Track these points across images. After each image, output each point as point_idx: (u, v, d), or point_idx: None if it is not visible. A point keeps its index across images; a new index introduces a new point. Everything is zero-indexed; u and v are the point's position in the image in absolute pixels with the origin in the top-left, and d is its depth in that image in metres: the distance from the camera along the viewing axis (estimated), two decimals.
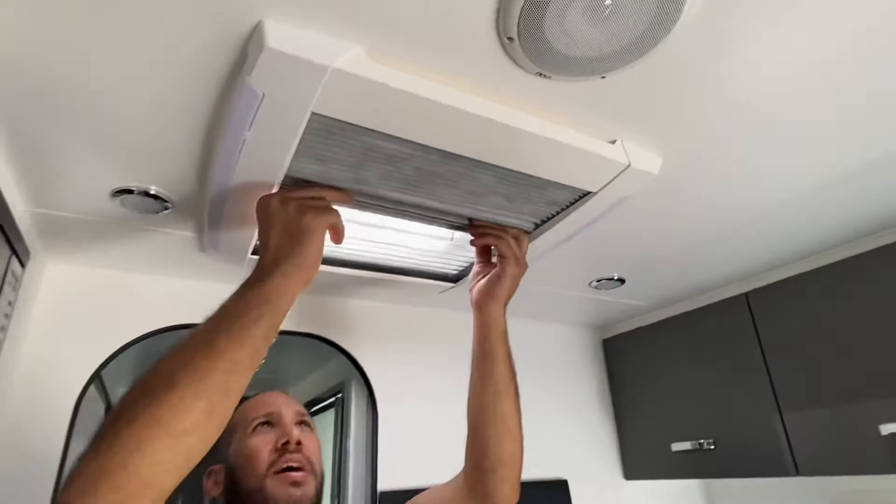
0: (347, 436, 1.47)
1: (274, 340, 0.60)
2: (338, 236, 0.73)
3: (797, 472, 1.19)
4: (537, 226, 0.99)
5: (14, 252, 0.88)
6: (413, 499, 0.91)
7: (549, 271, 1.28)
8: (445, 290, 1.27)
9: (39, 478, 0.98)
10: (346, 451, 1.45)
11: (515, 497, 0.83)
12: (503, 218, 0.95)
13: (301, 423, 0.85)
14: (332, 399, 1.97)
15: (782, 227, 1.12)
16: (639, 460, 1.60)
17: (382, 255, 1.14)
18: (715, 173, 0.90)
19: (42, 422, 1.03)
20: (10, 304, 0.90)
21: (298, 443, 0.80)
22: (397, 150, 0.74)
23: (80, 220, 0.94)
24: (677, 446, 1.44)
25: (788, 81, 0.70)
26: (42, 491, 0.98)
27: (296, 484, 0.75)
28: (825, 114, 0.77)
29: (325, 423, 2.12)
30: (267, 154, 0.71)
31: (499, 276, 0.90)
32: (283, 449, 0.78)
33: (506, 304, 0.91)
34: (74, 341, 1.09)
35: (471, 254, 1.15)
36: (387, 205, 0.87)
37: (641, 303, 1.55)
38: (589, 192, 0.87)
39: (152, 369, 0.52)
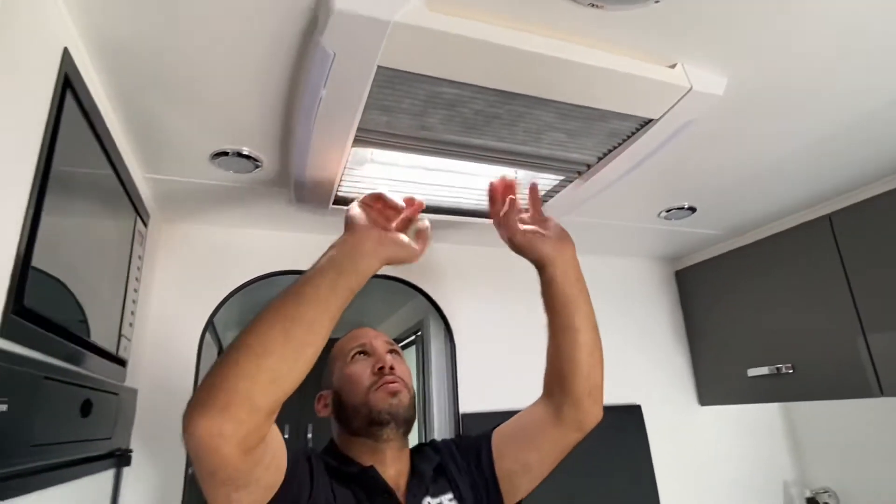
0: (429, 368, 1.60)
1: (342, 283, 0.69)
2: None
3: (881, 393, 1.17)
4: (600, 158, 1.00)
5: (138, 214, 1.02)
6: (498, 427, 0.97)
7: (617, 203, 1.28)
8: None
9: (175, 408, 1.17)
10: (429, 382, 1.58)
11: (601, 413, 0.90)
12: (565, 153, 0.97)
13: (391, 351, 0.95)
14: (413, 337, 2.11)
15: (866, 143, 1.05)
16: (714, 386, 1.62)
17: (451, 198, 1.20)
18: (787, 90, 0.86)
19: (174, 358, 1.21)
20: (140, 258, 1.06)
21: (392, 367, 0.90)
22: (457, 95, 0.78)
23: (186, 182, 1.07)
24: (754, 371, 1.44)
25: None
26: (179, 413, 1.17)
27: (393, 394, 0.87)
28: None
29: (408, 359, 2.29)
30: (341, 109, 0.78)
31: (547, 218, 0.91)
32: (379, 372, 0.89)
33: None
34: (192, 290, 1.27)
35: None
36: (451, 148, 0.93)
37: (715, 231, 1.52)
38: (651, 120, 0.87)
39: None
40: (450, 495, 0.89)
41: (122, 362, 0.98)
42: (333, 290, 0.67)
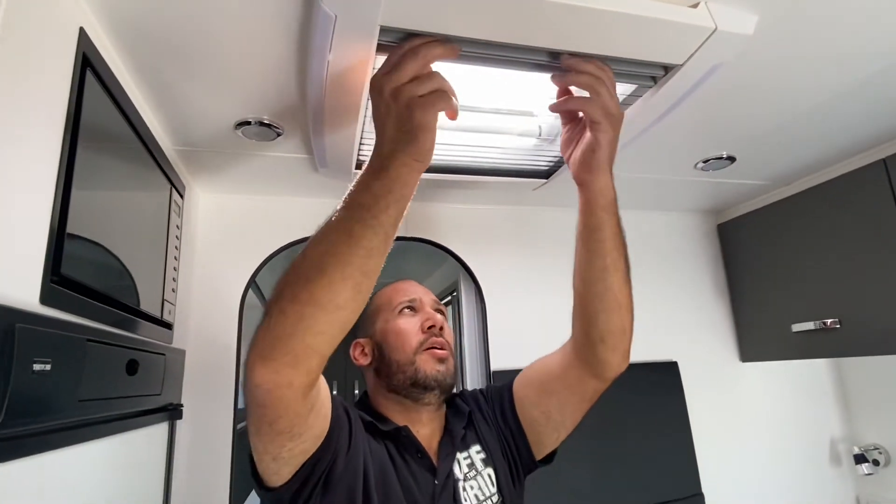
0: (462, 327, 1.62)
1: (401, 222, 0.63)
2: (452, 115, 0.68)
3: None
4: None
5: (173, 185, 1.07)
6: (526, 367, 0.95)
7: (648, 156, 1.24)
8: (539, 187, 1.30)
9: (221, 366, 1.26)
10: (462, 340, 1.61)
11: (625, 364, 0.83)
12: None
13: (438, 310, 0.93)
14: (448, 298, 2.14)
15: None
16: (756, 342, 1.57)
17: (477, 157, 1.19)
18: (829, 22, 0.79)
19: (218, 321, 1.29)
20: (178, 227, 1.11)
21: (441, 327, 0.89)
22: None
23: (213, 153, 1.11)
24: (798, 327, 1.39)
25: None
26: (226, 371, 1.26)
27: (441, 360, 0.85)
28: None
29: None
30: (349, 73, 0.77)
31: (594, 148, 0.75)
32: (429, 332, 0.87)
33: (610, 168, 0.78)
34: (230, 256, 1.33)
35: (559, 147, 1.15)
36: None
37: (758, 181, 1.44)
38: (674, 66, 0.82)
39: (303, 256, 0.60)
40: (477, 447, 0.89)
41: (167, 325, 1.05)
42: (395, 226, 0.61)
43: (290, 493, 0.70)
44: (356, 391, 3.29)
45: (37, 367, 0.53)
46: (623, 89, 0.89)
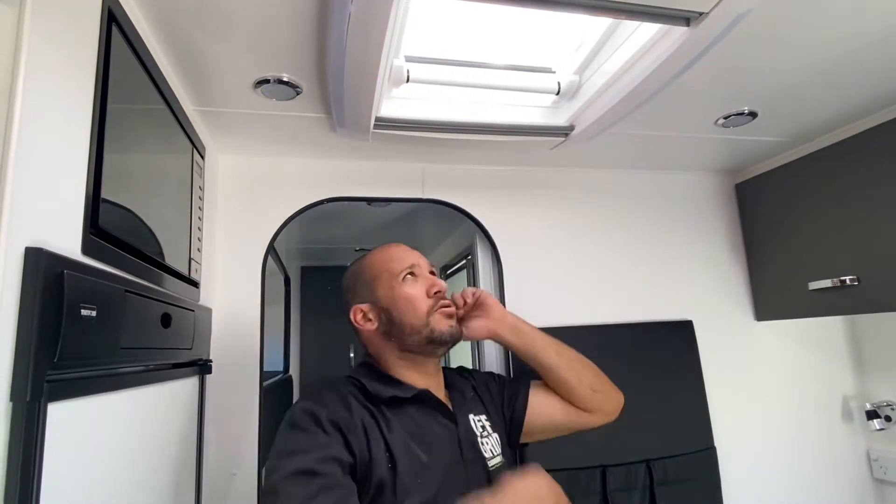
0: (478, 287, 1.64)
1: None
2: None
3: None
4: None
5: (195, 147, 1.08)
6: (538, 382, 1.05)
7: (669, 112, 1.22)
8: (557, 146, 1.29)
9: (248, 319, 1.30)
10: None
11: (619, 396, 1.07)
12: None
13: (432, 272, 0.98)
14: (463, 262, 2.16)
15: None
16: (771, 301, 1.58)
17: (494, 116, 1.18)
18: None
19: (241, 281, 1.32)
20: (200, 188, 1.13)
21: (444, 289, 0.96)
22: None
23: (234, 113, 1.12)
24: (815, 285, 1.39)
25: None
26: (250, 330, 1.30)
27: (451, 316, 0.94)
28: None
29: (460, 282, 2.36)
30: (370, 25, 0.77)
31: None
32: (436, 296, 0.93)
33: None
34: (251, 218, 1.35)
35: (578, 104, 1.15)
36: None
37: (779, 138, 1.42)
38: (700, 13, 0.81)
39: None
40: (484, 416, 0.98)
41: (194, 283, 1.08)
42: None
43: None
44: (351, 354, 3.33)
45: (84, 312, 0.56)
46: (647, 40, 0.88)
